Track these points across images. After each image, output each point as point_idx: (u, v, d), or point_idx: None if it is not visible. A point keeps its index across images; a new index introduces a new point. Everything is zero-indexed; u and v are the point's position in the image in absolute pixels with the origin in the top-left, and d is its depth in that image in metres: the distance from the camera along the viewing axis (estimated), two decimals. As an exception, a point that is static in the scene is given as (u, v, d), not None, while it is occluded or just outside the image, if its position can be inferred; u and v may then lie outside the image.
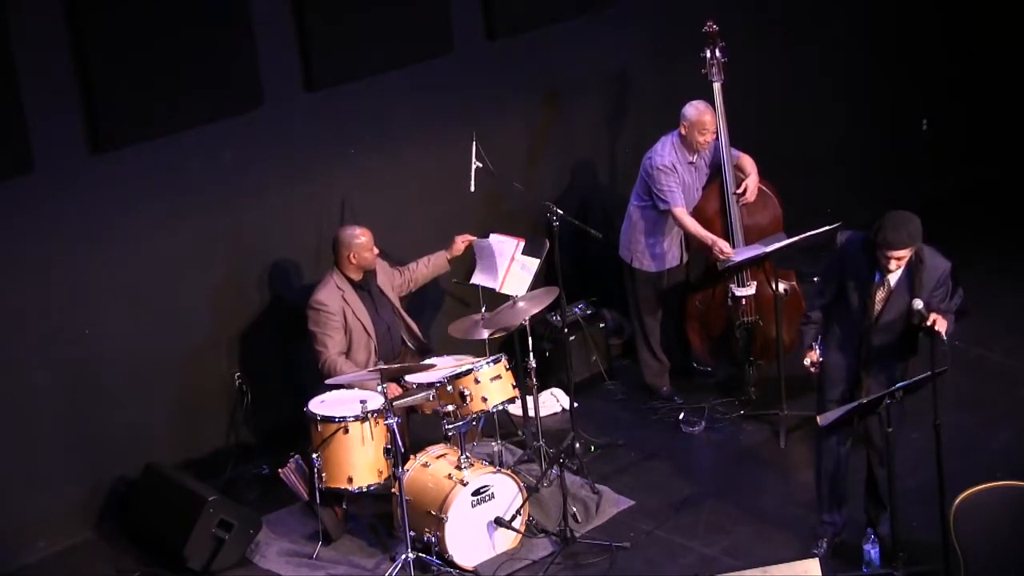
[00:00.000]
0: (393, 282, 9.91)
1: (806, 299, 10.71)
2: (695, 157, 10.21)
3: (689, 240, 10.36)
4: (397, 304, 9.86)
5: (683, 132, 10.14)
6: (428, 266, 10.05)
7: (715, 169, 10.30)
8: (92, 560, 9.46)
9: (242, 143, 9.81)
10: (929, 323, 8.11)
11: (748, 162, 10.33)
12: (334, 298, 9.54)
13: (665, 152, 10.15)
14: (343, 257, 9.58)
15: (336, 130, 10.16)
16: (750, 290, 10.27)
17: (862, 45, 12.39)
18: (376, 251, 9.63)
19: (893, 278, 8.40)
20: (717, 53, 10.22)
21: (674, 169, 10.11)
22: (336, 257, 9.61)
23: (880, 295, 8.42)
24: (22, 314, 9.22)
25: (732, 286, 10.27)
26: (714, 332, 10.51)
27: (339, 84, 10.06)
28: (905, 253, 8.30)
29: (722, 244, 10.07)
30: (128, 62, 9.16)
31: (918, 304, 8.17)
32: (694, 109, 10.10)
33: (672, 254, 10.35)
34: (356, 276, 9.63)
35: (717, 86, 10.22)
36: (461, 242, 10.02)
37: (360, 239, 9.56)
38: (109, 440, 9.60)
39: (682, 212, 10.12)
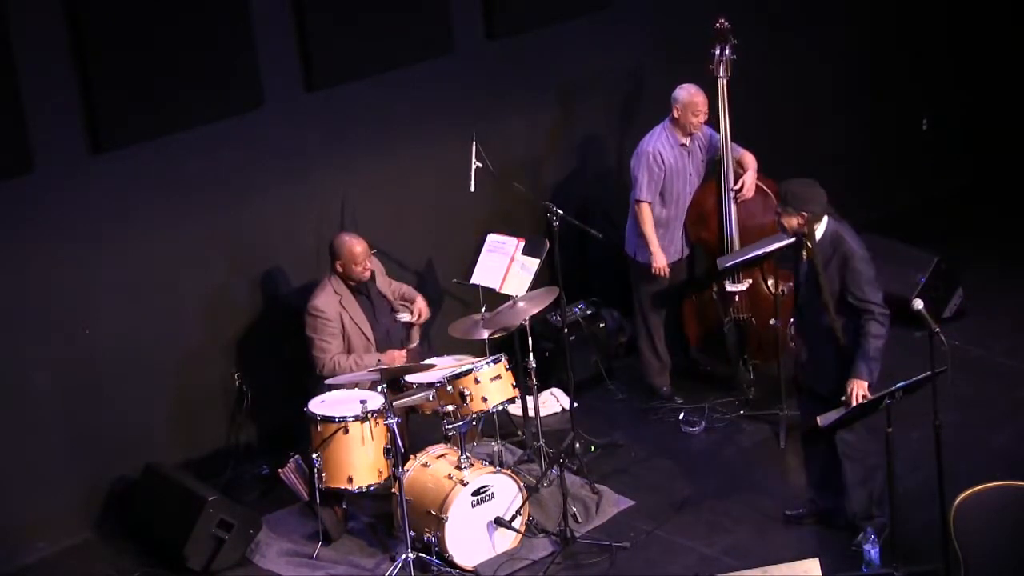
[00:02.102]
0: (390, 287, 9.89)
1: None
2: (688, 140, 10.22)
3: (690, 234, 10.36)
4: (394, 304, 9.83)
5: (675, 115, 10.15)
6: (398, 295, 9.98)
7: (716, 164, 10.31)
8: (92, 560, 9.47)
9: (242, 143, 9.81)
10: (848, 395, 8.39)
11: (749, 158, 10.33)
12: (331, 304, 9.52)
13: (652, 139, 10.18)
14: (333, 263, 9.56)
15: (336, 130, 10.16)
16: (741, 287, 10.27)
17: (863, 45, 12.39)
18: (368, 267, 9.53)
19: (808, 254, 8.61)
20: (727, 51, 10.24)
21: (658, 157, 10.11)
22: (331, 262, 9.59)
23: (802, 271, 8.68)
24: (22, 314, 9.23)
25: (725, 282, 10.28)
26: (708, 328, 10.51)
27: (339, 84, 10.06)
28: (786, 217, 8.50)
29: (658, 261, 10.15)
30: (128, 62, 9.17)
31: (918, 304, 8.17)
32: (685, 91, 10.12)
33: (675, 247, 10.35)
34: (352, 281, 9.61)
35: (723, 83, 10.23)
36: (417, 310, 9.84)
37: (352, 252, 9.49)
38: (109, 440, 9.61)
39: (645, 208, 10.16)
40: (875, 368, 8.47)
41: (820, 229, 8.55)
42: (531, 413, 9.99)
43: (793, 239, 8.82)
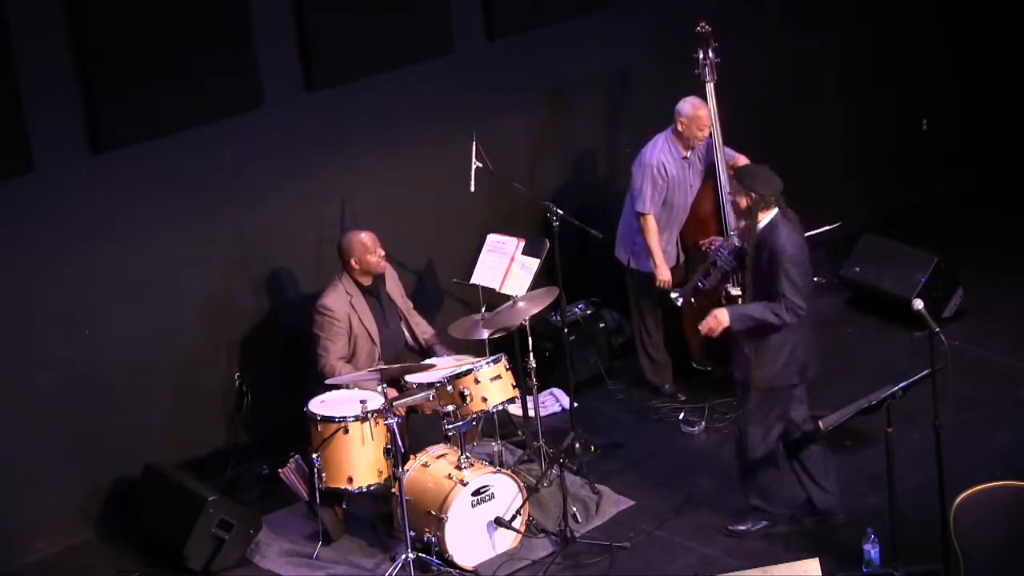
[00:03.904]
0: (402, 293, 9.88)
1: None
2: (689, 153, 10.22)
3: (685, 240, 10.36)
4: (404, 313, 9.83)
5: (680, 128, 10.14)
6: (419, 331, 9.93)
7: (711, 169, 10.31)
8: (92, 560, 9.47)
9: (242, 143, 9.81)
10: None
11: (744, 162, 10.32)
12: (341, 304, 9.52)
13: (656, 150, 10.16)
14: (348, 263, 9.56)
15: (336, 130, 10.16)
16: (739, 290, 10.26)
17: (862, 45, 12.39)
18: (382, 253, 9.60)
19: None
20: (710, 54, 10.23)
21: (662, 168, 10.10)
22: (343, 263, 9.59)
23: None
24: (22, 314, 9.23)
25: (727, 285, 10.27)
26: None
27: (339, 84, 10.07)
28: (737, 195, 8.69)
29: (662, 275, 10.16)
30: (128, 62, 9.17)
31: (918, 304, 8.17)
32: (690, 105, 10.10)
33: (668, 254, 10.33)
34: (365, 281, 9.61)
35: (710, 87, 10.22)
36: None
37: (363, 244, 9.53)
38: (109, 440, 9.61)
39: (650, 220, 10.16)
40: (746, 324, 8.67)
41: (767, 218, 8.65)
42: (531, 413, 9.99)
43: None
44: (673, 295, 9.70)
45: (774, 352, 8.72)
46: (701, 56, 10.23)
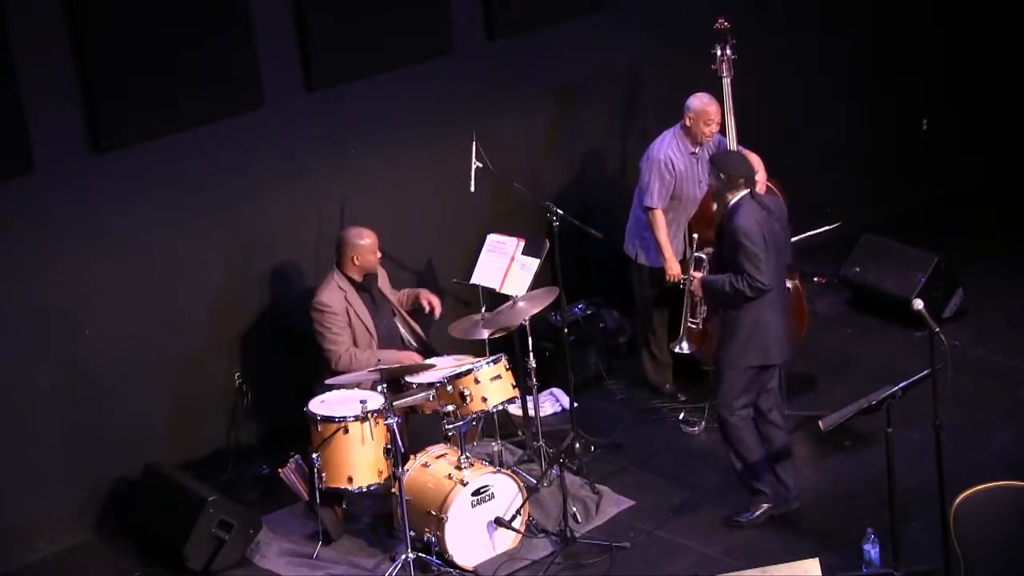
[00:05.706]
0: (394, 295, 9.90)
1: (807, 299, 10.73)
2: (698, 148, 10.22)
3: (692, 232, 10.36)
4: (398, 307, 9.85)
5: (688, 123, 10.14)
6: (406, 300, 10.01)
7: None
8: (92, 560, 9.47)
9: (242, 143, 9.81)
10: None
11: (756, 160, 10.31)
12: (336, 299, 9.54)
13: (664, 144, 10.16)
14: (346, 258, 9.57)
15: (336, 130, 10.16)
16: None
17: (863, 45, 12.39)
18: (379, 255, 9.63)
19: None
20: (728, 51, 10.23)
21: (669, 163, 10.10)
22: (339, 258, 9.60)
23: None
24: (22, 314, 9.23)
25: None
26: (713, 330, 10.50)
27: (339, 84, 10.07)
28: (712, 178, 9.04)
29: (672, 268, 10.16)
30: (128, 62, 9.17)
31: (918, 304, 8.18)
32: (698, 100, 10.11)
33: (676, 248, 10.33)
34: (358, 277, 9.63)
35: (727, 82, 10.22)
36: (425, 301, 9.91)
37: (365, 241, 9.56)
38: (109, 440, 9.61)
39: (658, 215, 10.16)
40: (709, 292, 9.14)
41: (735, 199, 8.86)
42: (531, 413, 9.99)
43: (793, 240, 8.95)
44: (678, 349, 10.11)
45: (736, 329, 8.90)
46: (719, 52, 10.23)
